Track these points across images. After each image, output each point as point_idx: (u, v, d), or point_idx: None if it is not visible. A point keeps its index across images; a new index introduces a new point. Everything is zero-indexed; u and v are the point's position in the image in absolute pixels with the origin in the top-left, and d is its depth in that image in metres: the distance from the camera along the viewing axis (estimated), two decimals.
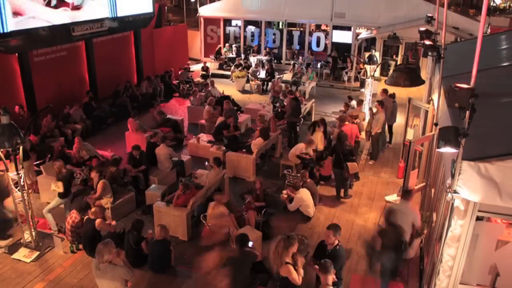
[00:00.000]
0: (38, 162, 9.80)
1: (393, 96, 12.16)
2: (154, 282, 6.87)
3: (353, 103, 13.06)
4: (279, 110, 13.30)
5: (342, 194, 9.51)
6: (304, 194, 8.40)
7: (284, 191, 8.75)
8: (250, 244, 6.44)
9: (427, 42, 8.38)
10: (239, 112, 13.65)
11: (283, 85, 16.25)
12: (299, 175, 9.23)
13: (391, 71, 19.12)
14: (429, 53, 8.25)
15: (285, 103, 12.89)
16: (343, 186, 9.47)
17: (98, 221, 7.18)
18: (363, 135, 11.84)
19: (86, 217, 7.39)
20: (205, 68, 18.98)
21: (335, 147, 9.55)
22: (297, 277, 5.40)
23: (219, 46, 21.56)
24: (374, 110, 11.53)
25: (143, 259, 7.07)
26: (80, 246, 7.55)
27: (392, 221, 6.31)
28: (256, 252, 6.45)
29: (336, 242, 5.83)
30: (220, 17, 21.61)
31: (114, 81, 14.85)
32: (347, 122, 10.69)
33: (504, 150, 4.65)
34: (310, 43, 21.08)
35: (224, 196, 7.98)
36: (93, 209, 7.40)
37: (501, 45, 9.27)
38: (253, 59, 20.19)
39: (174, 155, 10.18)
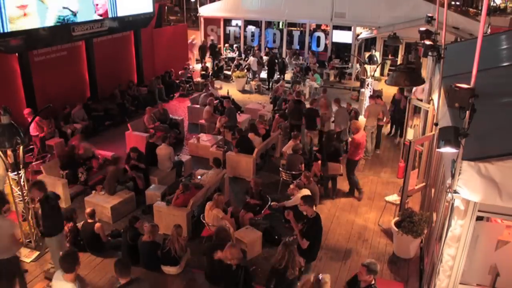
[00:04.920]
0: (38, 162, 9.80)
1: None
2: (149, 279, 6.84)
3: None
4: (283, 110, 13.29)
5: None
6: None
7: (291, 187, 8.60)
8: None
9: (427, 42, 8.37)
10: (239, 112, 13.63)
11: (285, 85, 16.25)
12: (294, 172, 9.24)
13: (386, 70, 19.35)
14: (429, 53, 8.25)
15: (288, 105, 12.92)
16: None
17: (97, 225, 7.19)
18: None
19: (83, 222, 7.40)
20: (205, 68, 18.98)
21: (321, 146, 9.53)
22: None
23: (219, 46, 21.55)
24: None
25: (139, 256, 7.00)
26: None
27: None
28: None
29: (372, 282, 5.23)
30: (220, 17, 21.61)
31: (114, 81, 14.82)
32: (361, 130, 9.74)
33: (504, 150, 4.65)
34: (310, 43, 21.09)
35: (222, 196, 7.92)
36: (88, 210, 7.41)
37: (501, 45, 9.28)
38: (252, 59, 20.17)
39: (173, 156, 10.13)
